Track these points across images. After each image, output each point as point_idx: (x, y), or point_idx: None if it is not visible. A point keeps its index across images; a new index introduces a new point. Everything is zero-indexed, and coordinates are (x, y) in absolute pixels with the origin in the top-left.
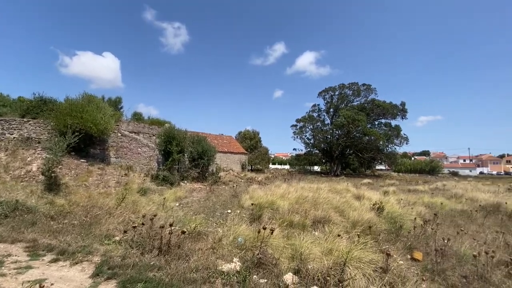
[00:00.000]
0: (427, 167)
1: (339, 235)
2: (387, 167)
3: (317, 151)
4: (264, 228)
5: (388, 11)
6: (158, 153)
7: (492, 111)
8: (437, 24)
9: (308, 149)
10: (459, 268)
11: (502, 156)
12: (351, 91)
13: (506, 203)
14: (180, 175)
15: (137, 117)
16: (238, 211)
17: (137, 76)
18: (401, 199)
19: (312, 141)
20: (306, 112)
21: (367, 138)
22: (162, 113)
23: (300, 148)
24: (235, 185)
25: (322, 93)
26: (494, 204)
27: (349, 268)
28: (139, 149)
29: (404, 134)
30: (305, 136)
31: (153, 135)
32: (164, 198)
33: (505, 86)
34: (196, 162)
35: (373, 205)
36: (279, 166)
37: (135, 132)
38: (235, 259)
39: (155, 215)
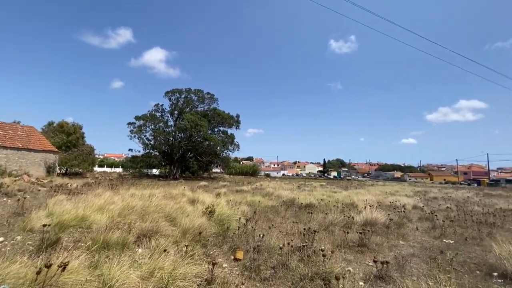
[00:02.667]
0: (251, 170)
1: (165, 250)
2: (221, 170)
3: (157, 153)
4: (48, 266)
5: (242, 32)
6: None
7: (292, 130)
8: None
9: (147, 151)
10: (270, 260)
11: (295, 163)
12: (197, 97)
13: (298, 198)
14: None
15: None
16: (19, 238)
17: None
18: (230, 200)
19: (152, 142)
20: (148, 111)
21: (207, 143)
22: None
23: (138, 149)
24: (27, 196)
25: (168, 93)
26: (291, 199)
27: None
28: None
29: (237, 142)
30: (145, 136)
31: None
32: None
33: (303, 113)
34: None
35: (206, 209)
36: (108, 169)
37: None
38: None
39: None
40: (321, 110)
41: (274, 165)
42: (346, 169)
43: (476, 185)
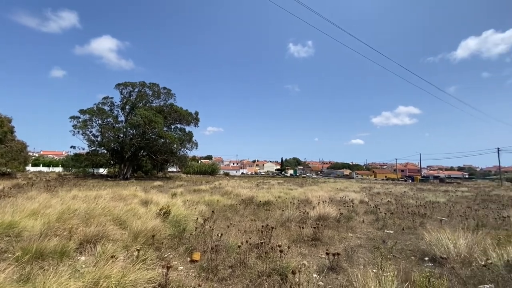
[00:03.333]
0: (210, 169)
1: (113, 256)
2: (178, 169)
3: (104, 151)
4: None
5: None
6: None
7: (252, 129)
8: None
9: (93, 148)
10: (228, 259)
11: (254, 161)
12: (152, 92)
13: (257, 196)
14: None
15: None
16: None
17: None
18: (187, 200)
19: (99, 139)
20: (95, 104)
21: (163, 140)
22: None
23: (82, 146)
24: None
25: (120, 86)
26: (250, 197)
27: None
28: None
29: (195, 140)
30: (91, 132)
31: None
32: None
33: (262, 113)
34: None
35: (160, 210)
36: (45, 169)
37: None
38: None
39: None
40: (280, 110)
41: (233, 164)
42: (302, 167)
43: (411, 181)
